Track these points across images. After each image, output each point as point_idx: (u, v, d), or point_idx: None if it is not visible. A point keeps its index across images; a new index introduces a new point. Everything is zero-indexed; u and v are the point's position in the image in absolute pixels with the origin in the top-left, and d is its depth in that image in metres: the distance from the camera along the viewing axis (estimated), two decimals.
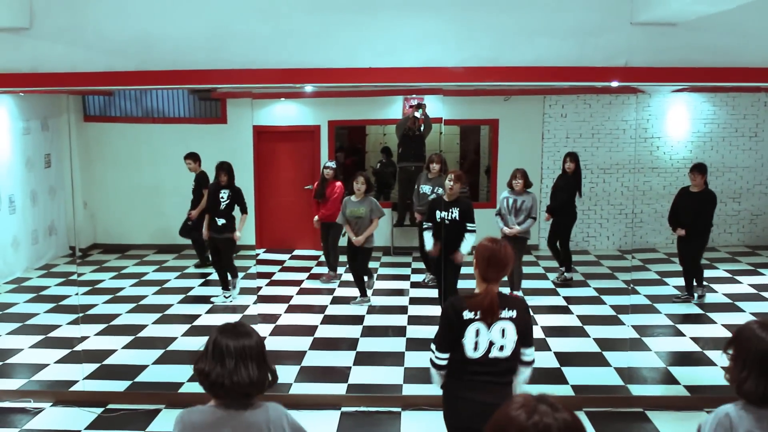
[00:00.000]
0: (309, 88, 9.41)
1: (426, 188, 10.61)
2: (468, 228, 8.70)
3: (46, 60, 6.72)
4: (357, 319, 9.45)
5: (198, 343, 8.76)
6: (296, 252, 11.41)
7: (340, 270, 11.32)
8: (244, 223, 10.21)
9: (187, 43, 6.69)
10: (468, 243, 8.66)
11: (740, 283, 10.81)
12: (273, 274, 11.76)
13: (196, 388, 7.33)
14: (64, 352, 8.30)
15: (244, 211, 10.22)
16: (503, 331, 4.30)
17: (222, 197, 10.17)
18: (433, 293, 9.72)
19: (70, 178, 12.53)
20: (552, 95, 13.06)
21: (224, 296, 10.16)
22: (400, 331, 8.93)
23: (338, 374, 7.60)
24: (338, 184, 11.11)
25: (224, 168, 10.23)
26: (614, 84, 7.01)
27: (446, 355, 4.41)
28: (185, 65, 6.71)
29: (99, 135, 13.47)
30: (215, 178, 10.27)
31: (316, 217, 11.09)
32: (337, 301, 10.29)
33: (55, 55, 6.70)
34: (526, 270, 10.30)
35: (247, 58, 6.67)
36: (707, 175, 10.09)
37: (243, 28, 6.71)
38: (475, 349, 4.30)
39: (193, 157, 11.03)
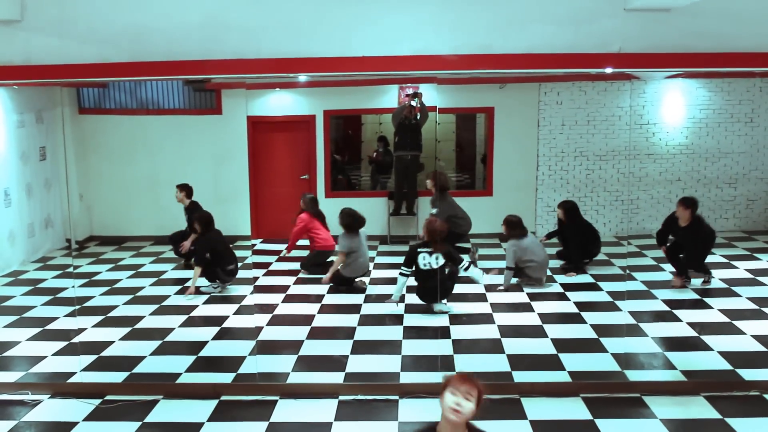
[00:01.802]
0: (302, 77, 9.41)
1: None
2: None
3: (38, 52, 6.69)
4: (354, 308, 9.46)
5: (195, 334, 8.83)
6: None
7: None
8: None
9: (180, 34, 6.67)
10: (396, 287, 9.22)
11: (736, 268, 10.82)
12: (269, 264, 11.75)
13: (194, 378, 7.39)
14: (62, 344, 8.30)
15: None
16: None
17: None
18: None
19: (65, 171, 12.53)
20: (547, 83, 13.06)
21: (213, 287, 10.17)
22: (397, 320, 8.94)
23: (336, 363, 7.61)
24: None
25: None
26: (608, 70, 7.00)
27: None
28: (178, 56, 6.69)
29: (94, 127, 13.46)
30: (205, 231, 10.23)
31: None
32: (334, 290, 10.28)
33: (47, 47, 6.67)
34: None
35: (240, 47, 6.65)
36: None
37: (236, 17, 6.68)
38: None
39: (184, 189, 11.18)
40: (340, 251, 10.35)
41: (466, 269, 9.11)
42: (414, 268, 9.12)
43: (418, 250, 9.11)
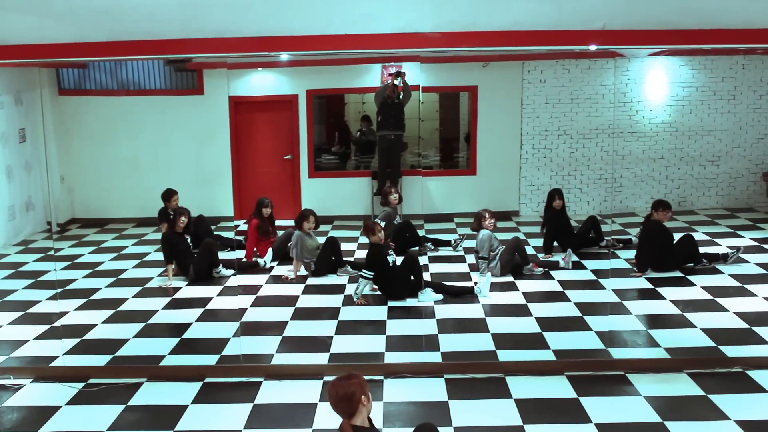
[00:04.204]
0: (284, 56, 9.31)
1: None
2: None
3: (15, 31, 6.58)
4: (338, 288, 9.44)
5: (178, 315, 8.76)
6: (276, 222, 11.35)
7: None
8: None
9: (160, 12, 6.55)
10: (358, 285, 9.03)
11: (719, 245, 10.86)
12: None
13: (178, 360, 7.35)
14: (44, 327, 8.25)
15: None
16: None
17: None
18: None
19: (44, 153, 12.41)
20: (531, 61, 13.03)
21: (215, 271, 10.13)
22: (380, 300, 8.93)
23: (320, 344, 7.60)
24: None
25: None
26: (592, 48, 6.96)
27: None
28: (158, 35, 6.60)
29: (75, 108, 13.35)
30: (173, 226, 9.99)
31: (267, 261, 10.66)
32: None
33: (24, 26, 6.55)
34: (503, 237, 10.30)
35: (220, 26, 6.56)
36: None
37: None
38: None
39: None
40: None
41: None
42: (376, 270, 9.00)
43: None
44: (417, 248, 10.84)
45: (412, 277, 8.88)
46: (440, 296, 8.88)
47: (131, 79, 13.48)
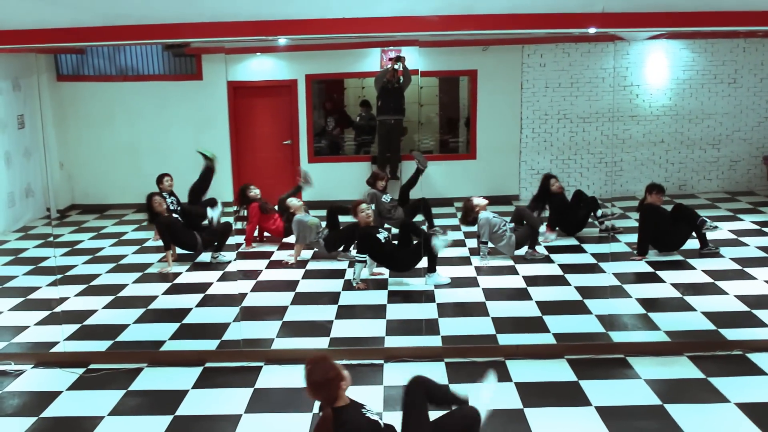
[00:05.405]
0: (282, 40, 9.27)
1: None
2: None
3: (10, 16, 6.55)
4: (338, 273, 9.43)
5: (179, 301, 8.75)
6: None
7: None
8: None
9: None
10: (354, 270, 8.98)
11: (720, 229, 10.81)
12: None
13: (178, 345, 7.34)
14: (44, 313, 8.25)
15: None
16: None
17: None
18: None
19: (43, 139, 12.39)
20: (530, 44, 12.97)
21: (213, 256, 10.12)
22: (381, 284, 8.93)
23: (320, 328, 7.60)
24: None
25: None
26: (592, 31, 6.93)
27: None
28: (155, 19, 6.57)
29: (73, 94, 13.33)
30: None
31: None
32: (317, 256, 10.24)
33: (20, 10, 6.52)
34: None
35: (217, 10, 6.53)
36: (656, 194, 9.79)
37: None
38: None
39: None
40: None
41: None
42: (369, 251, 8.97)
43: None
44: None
45: (427, 257, 8.80)
46: (448, 279, 8.86)
47: (129, 64, 13.44)
